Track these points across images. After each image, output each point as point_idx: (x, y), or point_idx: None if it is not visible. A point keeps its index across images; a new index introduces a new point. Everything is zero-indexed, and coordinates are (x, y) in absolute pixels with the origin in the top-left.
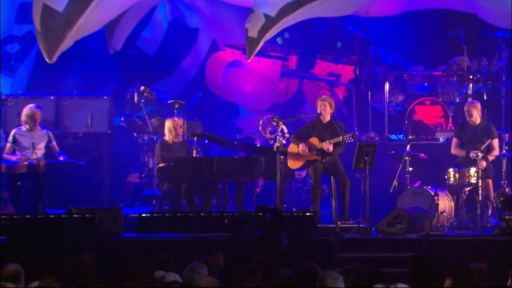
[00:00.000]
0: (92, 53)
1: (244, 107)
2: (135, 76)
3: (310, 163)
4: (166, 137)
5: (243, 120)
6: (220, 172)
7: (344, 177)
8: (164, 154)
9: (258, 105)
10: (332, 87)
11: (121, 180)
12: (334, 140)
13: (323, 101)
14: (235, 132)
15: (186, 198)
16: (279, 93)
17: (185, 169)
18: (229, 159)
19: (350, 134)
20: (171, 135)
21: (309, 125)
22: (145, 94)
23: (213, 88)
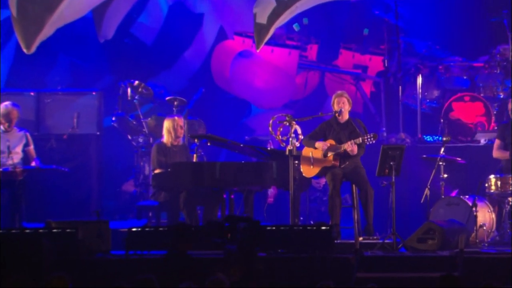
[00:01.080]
0: (81, 43)
1: (256, 104)
2: (130, 68)
3: (327, 169)
4: (164, 139)
5: (255, 119)
6: (224, 180)
7: (366, 185)
8: (161, 158)
9: (272, 102)
10: (358, 81)
11: (114, 189)
12: (356, 141)
13: (340, 97)
14: (246, 133)
15: (186, 210)
16: (296, 88)
17: (184, 176)
18: (234, 165)
19: (371, 135)
20: (170, 137)
21: (324, 126)
22: (140, 89)
23: (219, 82)
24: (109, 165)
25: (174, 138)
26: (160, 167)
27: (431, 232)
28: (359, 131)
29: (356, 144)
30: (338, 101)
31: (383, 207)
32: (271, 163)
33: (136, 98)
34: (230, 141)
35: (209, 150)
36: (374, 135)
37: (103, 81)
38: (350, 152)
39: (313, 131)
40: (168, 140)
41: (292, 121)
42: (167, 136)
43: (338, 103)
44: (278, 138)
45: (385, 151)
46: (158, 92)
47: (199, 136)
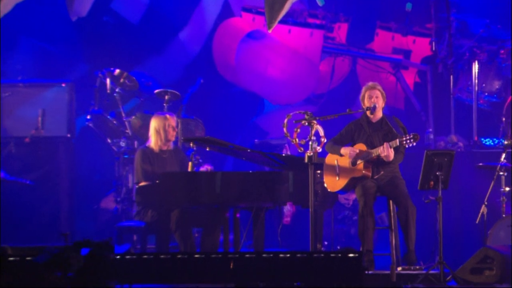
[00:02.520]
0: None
1: (269, 99)
2: (110, 54)
3: (357, 181)
4: (151, 142)
5: (267, 118)
6: (227, 194)
7: (407, 201)
8: (146, 167)
9: (289, 97)
10: (399, 69)
11: (89, 206)
12: (393, 144)
13: (372, 90)
14: (257, 135)
15: (179, 232)
16: (320, 78)
17: (176, 190)
18: (239, 175)
19: (410, 135)
20: (158, 140)
21: (352, 126)
22: (122, 80)
23: (223, 71)
24: (83, 175)
25: (164, 142)
26: (146, 179)
27: (489, 260)
28: (397, 132)
29: (392, 148)
30: (370, 94)
31: (427, 229)
32: (287, 174)
33: (117, 91)
34: (234, 146)
35: (210, 157)
36: (415, 136)
37: (76, 70)
38: (384, 158)
39: (339, 133)
40: (156, 144)
41: (313, 120)
42: (155, 139)
43: (370, 97)
44: (295, 141)
45: (430, 158)
46: (145, 83)
47: (196, 139)
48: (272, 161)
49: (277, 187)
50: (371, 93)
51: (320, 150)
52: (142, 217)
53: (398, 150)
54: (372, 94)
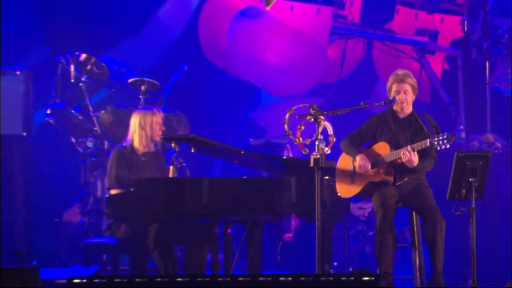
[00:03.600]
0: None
1: (268, 90)
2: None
3: (374, 188)
4: (134, 141)
5: (265, 113)
6: (216, 205)
7: (434, 213)
8: (122, 172)
9: (291, 87)
10: (423, 54)
11: (50, 220)
12: (418, 146)
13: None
14: (252, 133)
15: (159, 251)
16: (328, 65)
17: (154, 200)
18: (230, 182)
19: (444, 135)
20: (144, 139)
21: (375, 121)
22: (89, 67)
23: (211, 56)
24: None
25: (148, 142)
26: (120, 186)
27: None
28: (427, 130)
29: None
30: (397, 89)
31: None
32: (288, 180)
33: (83, 80)
34: (225, 147)
35: (196, 160)
36: (449, 136)
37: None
38: (407, 164)
39: (359, 128)
40: (139, 144)
41: (320, 115)
42: (139, 137)
43: (397, 92)
44: (298, 141)
45: (462, 162)
46: (116, 71)
47: (179, 138)
48: (270, 165)
49: (277, 196)
50: (399, 88)
51: (328, 151)
52: (113, 232)
53: (428, 154)
54: (400, 89)
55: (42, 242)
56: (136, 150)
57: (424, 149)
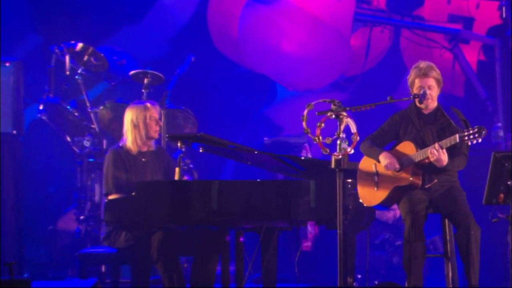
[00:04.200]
0: None
1: (284, 84)
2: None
3: (401, 193)
4: (126, 141)
5: (281, 109)
6: (227, 211)
7: (468, 220)
8: (120, 174)
9: (310, 81)
10: (456, 43)
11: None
12: (447, 142)
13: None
14: (267, 132)
15: (163, 262)
16: (351, 56)
17: (159, 205)
18: (243, 185)
19: (474, 129)
20: (137, 138)
21: (397, 119)
22: (87, 57)
23: (221, 46)
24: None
25: (144, 140)
26: (119, 190)
27: None
28: (457, 126)
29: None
30: (420, 85)
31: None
32: (307, 183)
33: (79, 72)
34: (236, 146)
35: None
36: (480, 129)
37: (25, 43)
38: (435, 164)
39: (380, 128)
40: (133, 144)
41: (342, 111)
42: (132, 136)
43: (421, 81)
44: (318, 140)
45: (499, 163)
46: (117, 62)
47: (185, 137)
48: (287, 166)
49: (294, 201)
50: (423, 83)
51: (351, 151)
52: (113, 241)
53: (459, 151)
54: (424, 84)
55: (34, 252)
56: (131, 150)
57: (454, 146)
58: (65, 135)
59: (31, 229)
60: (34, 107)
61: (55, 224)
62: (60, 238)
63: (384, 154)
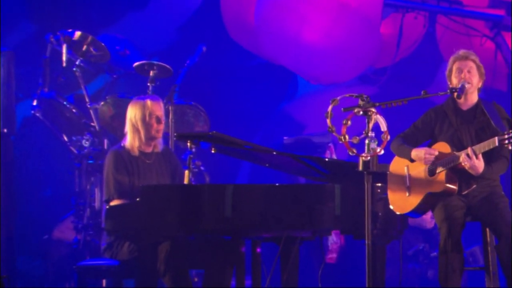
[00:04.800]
0: None
1: (307, 76)
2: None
3: (436, 198)
4: (127, 142)
5: (303, 105)
6: (241, 219)
7: (511, 229)
8: (122, 178)
9: (335, 73)
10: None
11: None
12: (483, 147)
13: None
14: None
15: (172, 275)
16: (381, 45)
17: (166, 212)
18: (260, 190)
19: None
20: (136, 139)
21: (432, 116)
22: (85, 47)
23: (236, 34)
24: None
25: (145, 141)
26: (121, 196)
27: None
28: (496, 125)
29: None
30: (459, 67)
31: None
32: (332, 188)
33: (77, 64)
34: (253, 147)
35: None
36: None
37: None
38: (470, 171)
39: (412, 125)
40: (133, 145)
41: (371, 107)
42: (131, 136)
43: (459, 71)
44: (344, 139)
45: None
46: (119, 52)
47: (196, 136)
48: (309, 169)
49: (318, 208)
50: (461, 65)
51: (381, 152)
52: (115, 252)
53: (498, 154)
54: (463, 66)
55: (27, 264)
56: (132, 151)
57: (493, 149)
58: (62, 134)
59: (24, 238)
60: (27, 102)
61: (50, 233)
62: (56, 249)
63: (415, 149)
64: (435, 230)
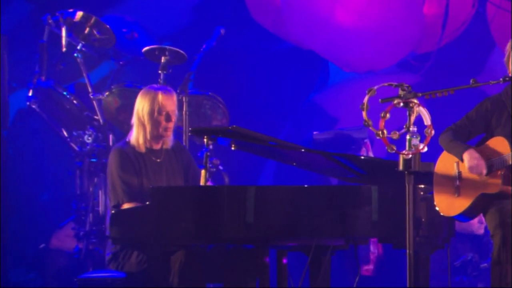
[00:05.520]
0: None
1: (340, 63)
2: None
3: (489, 201)
4: (132, 137)
5: (336, 95)
6: (265, 225)
7: None
8: (130, 179)
9: (372, 59)
10: None
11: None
12: None
13: None
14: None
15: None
16: (424, 28)
17: (180, 218)
18: (286, 193)
19: None
20: (140, 136)
21: (487, 106)
22: (87, 29)
23: (260, 15)
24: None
25: (152, 138)
26: (132, 198)
27: None
28: None
29: None
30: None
31: None
32: (368, 190)
33: (79, 49)
34: (278, 143)
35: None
36: None
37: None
38: None
39: (465, 116)
40: (138, 140)
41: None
42: (135, 132)
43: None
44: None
45: None
46: (126, 36)
47: (213, 131)
48: (342, 168)
49: (352, 213)
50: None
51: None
52: (121, 264)
53: None
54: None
55: (22, 276)
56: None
57: None
58: (61, 129)
59: (18, 248)
60: (21, 93)
61: (48, 242)
62: (54, 259)
63: (469, 152)
64: (485, 238)
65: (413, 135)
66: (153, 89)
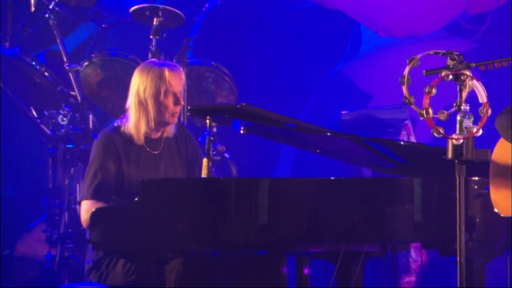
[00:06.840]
0: None
1: (373, 26)
2: None
3: None
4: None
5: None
6: (281, 226)
7: None
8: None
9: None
10: None
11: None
12: None
13: None
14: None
15: None
16: None
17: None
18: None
19: None
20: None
21: None
22: None
23: None
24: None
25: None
26: (101, 196)
27: None
28: None
29: None
30: None
31: None
32: (409, 183)
33: (51, 8)
34: (298, 125)
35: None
36: None
37: None
38: None
39: None
40: (139, 128)
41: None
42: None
43: None
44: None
45: None
46: None
47: (217, 111)
48: (377, 156)
49: (389, 212)
50: None
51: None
52: (104, 274)
53: None
54: None
55: None
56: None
57: None
58: (29, 107)
59: None
60: None
61: (13, 247)
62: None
63: None
64: None
65: (465, 115)
66: (156, 65)
